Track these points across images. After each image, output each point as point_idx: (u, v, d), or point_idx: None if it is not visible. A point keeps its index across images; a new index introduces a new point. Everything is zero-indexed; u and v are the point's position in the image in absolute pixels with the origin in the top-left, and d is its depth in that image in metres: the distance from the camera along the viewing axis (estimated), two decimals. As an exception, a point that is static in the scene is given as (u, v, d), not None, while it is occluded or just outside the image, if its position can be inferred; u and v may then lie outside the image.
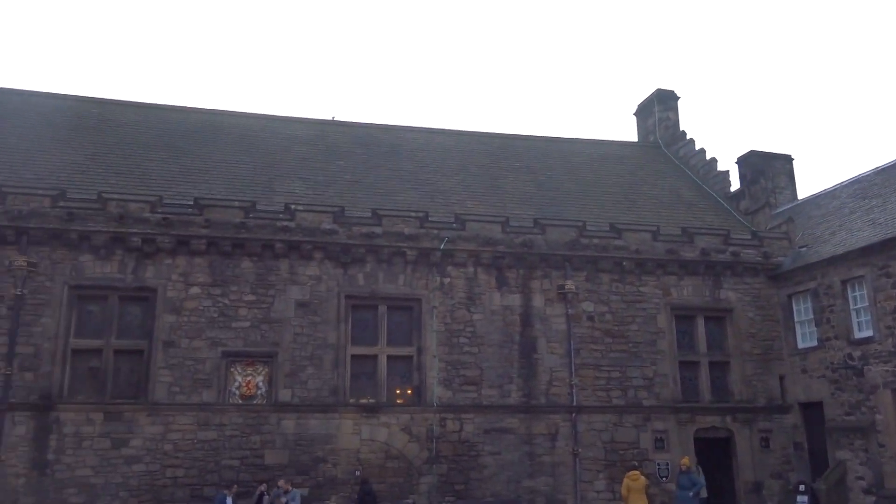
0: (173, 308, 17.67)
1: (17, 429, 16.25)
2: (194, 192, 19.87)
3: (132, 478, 16.48)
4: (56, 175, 19.90)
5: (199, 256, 18.08)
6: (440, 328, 19.06)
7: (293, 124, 25.85)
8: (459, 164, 25.05)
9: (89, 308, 17.63)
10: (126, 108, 24.96)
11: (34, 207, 17.28)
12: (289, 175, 22.40)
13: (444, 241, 19.35)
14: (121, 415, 16.83)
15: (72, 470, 16.29)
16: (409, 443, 18.18)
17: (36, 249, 17.19)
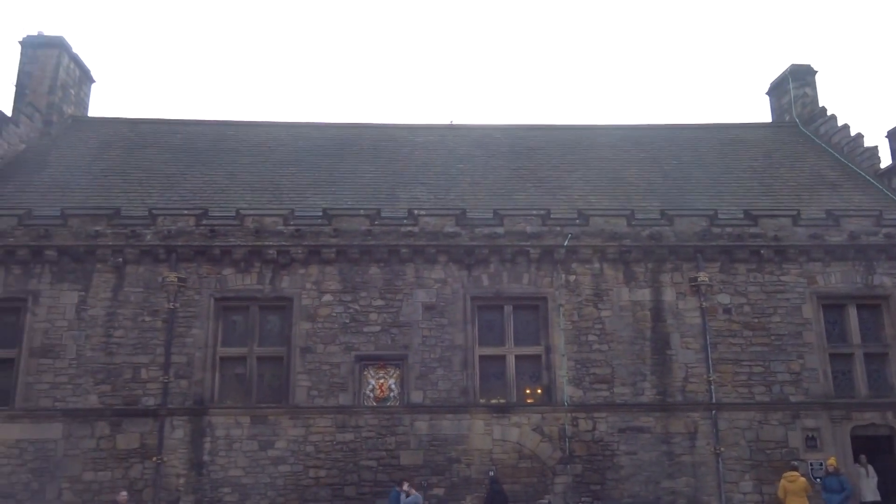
0: (308, 315, 18.50)
1: (175, 432, 17.59)
2: (323, 203, 20.73)
3: (278, 478, 17.39)
4: (199, 195, 21.42)
5: (330, 265, 18.83)
6: (567, 326, 18.80)
7: (415, 131, 26.43)
8: (580, 158, 24.63)
9: (233, 318, 18.80)
10: (258, 128, 26.49)
11: (181, 227, 18.65)
12: (411, 181, 22.91)
13: (567, 238, 19.09)
14: (265, 418, 17.81)
15: (225, 470, 17.41)
16: (542, 443, 18.04)
17: (184, 265, 18.54)
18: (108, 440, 17.48)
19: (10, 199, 20.95)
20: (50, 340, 18.01)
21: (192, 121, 26.89)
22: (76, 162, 23.66)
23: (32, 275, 18.35)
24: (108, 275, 18.44)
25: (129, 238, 18.47)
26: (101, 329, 18.11)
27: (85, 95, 28.06)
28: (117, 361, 17.95)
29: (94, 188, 21.87)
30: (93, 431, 17.50)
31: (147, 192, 21.57)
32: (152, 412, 17.63)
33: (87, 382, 17.80)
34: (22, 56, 26.03)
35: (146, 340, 18.11)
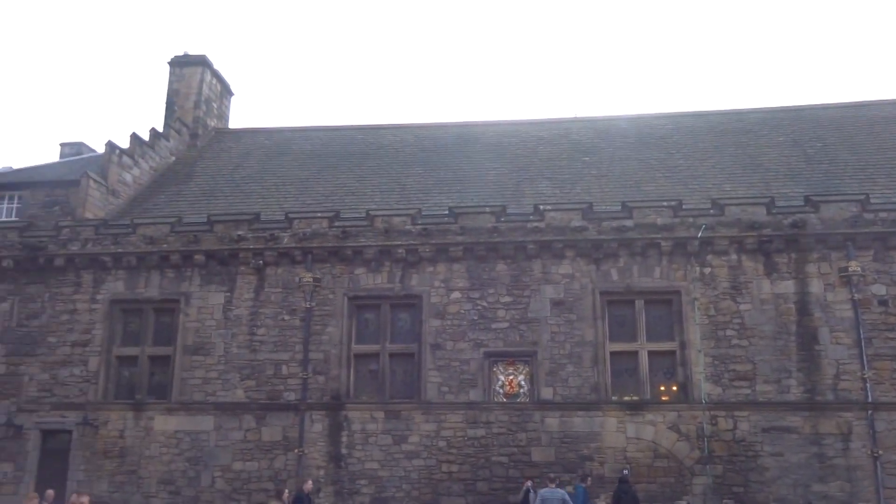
0: (437, 313, 18.78)
1: (314, 426, 18.37)
2: (449, 201, 20.99)
3: (412, 472, 17.77)
4: (331, 198, 22.29)
5: (458, 262, 19.01)
6: (703, 321, 17.99)
7: (538, 126, 26.25)
8: (712, 145, 23.54)
9: (366, 316, 19.39)
10: (385, 131, 27.23)
11: (315, 229, 19.45)
12: (536, 176, 22.76)
13: (701, 229, 18.27)
14: (399, 413, 18.25)
15: (362, 463, 18.00)
16: (678, 441, 17.38)
17: (319, 266, 19.32)
18: (254, 432, 18.53)
19: (163, 208, 22.70)
20: (201, 339, 19.31)
21: (323, 127, 28.07)
22: (219, 171, 25.27)
23: (184, 278, 19.74)
24: (250, 276, 19.54)
25: (268, 241, 19.48)
26: (246, 328, 19.22)
27: (226, 108, 29.92)
28: (260, 358, 18.99)
29: (236, 195, 23.26)
30: (240, 424, 18.61)
31: (283, 197, 22.69)
32: (293, 406, 18.51)
33: (234, 378, 18.95)
34: (170, 75, 28.12)
35: (286, 338, 19.04)
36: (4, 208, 22.49)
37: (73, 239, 20.11)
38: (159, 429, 18.83)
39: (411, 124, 27.74)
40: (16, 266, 20.19)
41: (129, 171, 23.96)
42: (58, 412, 19.29)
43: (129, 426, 18.94)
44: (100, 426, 18.98)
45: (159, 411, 18.96)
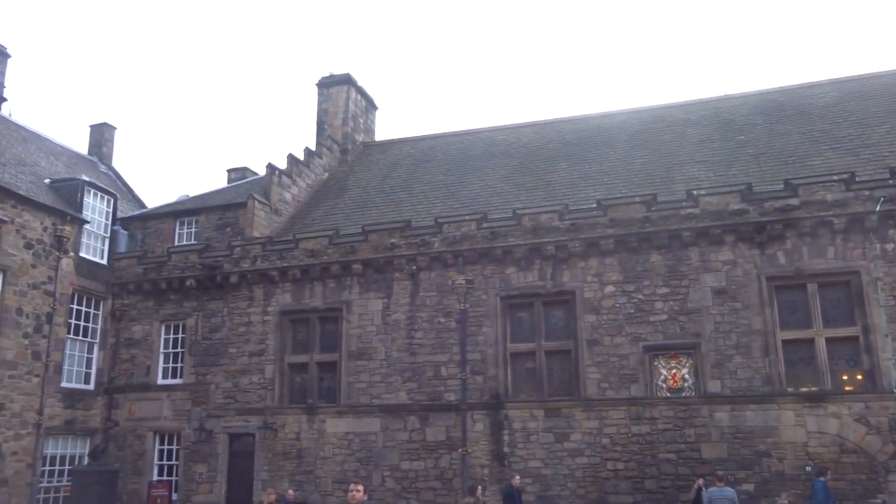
0: (592, 308, 18.45)
1: (476, 425, 18.63)
2: (596, 194, 20.58)
3: (576, 470, 17.55)
4: (477, 200, 22.54)
5: (609, 256, 18.58)
6: (889, 302, 16.41)
7: (685, 108, 25.15)
8: (886, 109, 21.44)
9: (519, 315, 19.40)
10: (526, 129, 27.17)
11: (464, 232, 19.75)
12: (686, 161, 21.81)
13: (879, 202, 16.69)
14: (559, 411, 18.09)
15: (525, 461, 18.03)
16: (868, 435, 15.94)
17: (470, 268, 19.59)
18: (419, 433, 19.08)
19: (321, 223, 23.96)
20: (363, 344, 20.18)
21: (464, 132, 28.48)
22: (370, 183, 26.31)
23: (344, 287, 20.73)
24: (405, 282, 20.17)
25: (420, 247, 20.02)
26: (404, 332, 19.85)
27: (371, 122, 31.11)
28: (420, 361, 19.54)
29: (387, 204, 24.11)
30: (405, 425, 19.24)
31: (431, 203, 23.24)
32: (454, 407, 18.88)
33: (396, 381, 19.63)
34: (319, 96, 29.67)
35: (443, 340, 19.47)
36: (185, 233, 24.69)
37: (244, 257, 21.71)
38: (331, 431, 19.88)
39: (552, 120, 27.49)
40: (198, 285, 22.10)
41: (289, 190, 25.51)
42: (241, 417, 20.89)
43: (303, 429, 20.14)
44: (278, 429, 20.33)
45: (330, 414, 20.01)
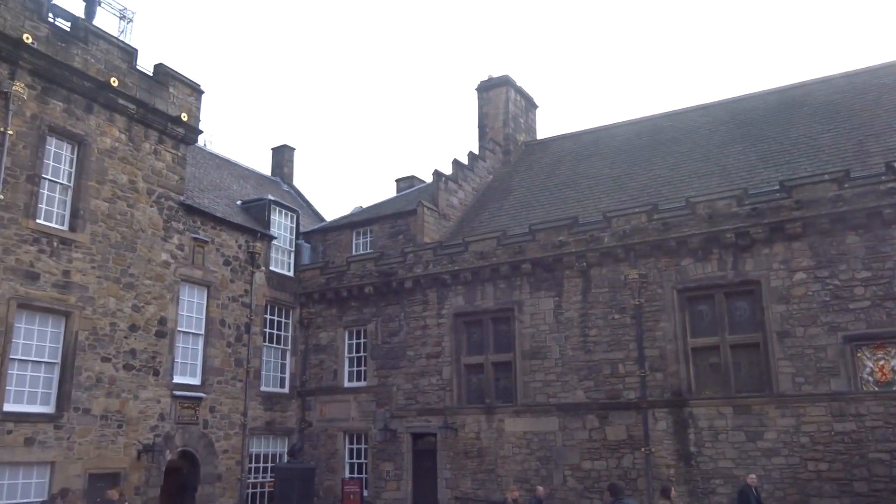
0: (780, 297, 17.19)
1: (658, 424, 17.97)
2: (778, 175, 19.19)
3: (773, 470, 16.40)
4: (646, 191, 21.78)
5: (797, 240, 17.22)
6: None
7: (876, 73, 22.83)
8: None
9: (699, 308, 18.47)
10: (693, 112, 25.92)
11: (634, 225, 19.15)
12: (884, 131, 19.76)
13: None
14: (749, 408, 17.00)
15: (714, 462, 17.12)
16: None
17: (643, 261, 18.95)
18: (598, 432, 18.72)
19: (487, 224, 24.24)
20: (536, 343, 20.14)
21: (628, 122, 27.68)
22: (534, 182, 26.26)
23: (515, 287, 20.81)
24: (575, 279, 19.89)
25: (589, 243, 19.66)
26: (577, 329, 19.58)
27: (532, 121, 31.05)
28: (595, 359, 19.17)
29: (553, 202, 23.92)
30: (584, 424, 18.96)
31: (598, 198, 22.77)
32: (634, 405, 18.32)
33: (572, 379, 19.39)
34: (479, 100, 30.08)
35: (618, 337, 18.97)
36: (361, 242, 25.97)
37: (417, 262, 22.44)
38: (509, 430, 20.01)
39: (722, 100, 25.99)
40: (375, 291, 23.14)
41: (455, 195, 26.06)
42: (422, 417, 21.59)
43: (482, 428, 20.44)
44: (458, 429, 20.78)
45: (508, 414, 20.16)
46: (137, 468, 18.63)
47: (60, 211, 17.93)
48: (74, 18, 18.96)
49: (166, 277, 20.18)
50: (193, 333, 21.09)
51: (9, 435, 15.99)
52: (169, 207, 20.55)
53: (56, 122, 17.83)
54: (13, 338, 16.38)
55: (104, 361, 18.21)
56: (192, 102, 21.51)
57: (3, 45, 16.67)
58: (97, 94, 18.74)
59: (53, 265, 17.33)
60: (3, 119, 16.63)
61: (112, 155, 19.13)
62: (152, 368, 19.44)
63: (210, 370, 21.26)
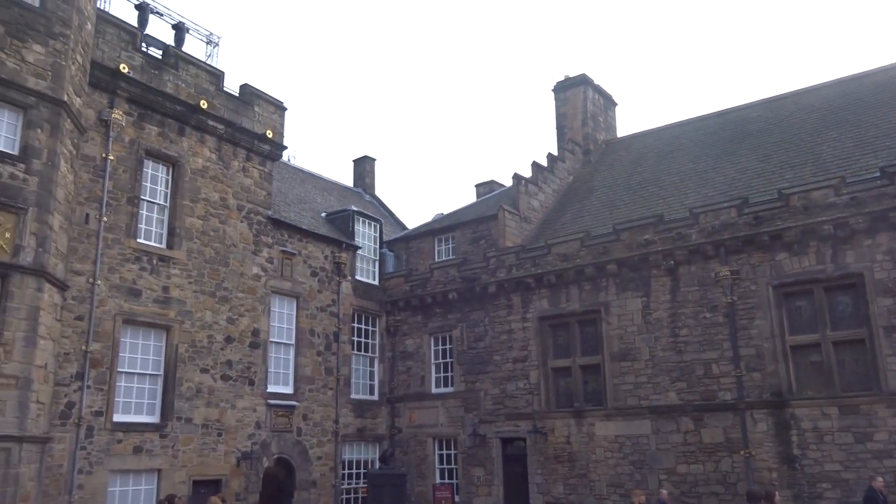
0: (886, 290, 16.24)
1: (758, 426, 17.26)
2: (877, 162, 18.17)
3: (886, 473, 15.44)
4: (734, 185, 21.03)
5: (902, 229, 16.25)
6: None
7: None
8: None
9: (796, 304, 17.65)
10: (781, 101, 24.91)
11: (724, 220, 18.51)
12: None
13: None
14: (856, 408, 16.12)
15: (820, 465, 16.31)
16: None
17: (734, 258, 18.28)
18: (693, 434, 18.15)
19: (570, 226, 23.95)
20: (625, 345, 19.73)
21: (712, 114, 26.83)
22: (616, 181, 25.79)
23: (600, 288, 20.46)
24: (663, 278, 19.39)
25: (676, 240, 19.13)
26: (667, 330, 19.06)
27: (611, 119, 30.52)
28: (687, 359, 18.61)
29: (636, 201, 23.42)
30: (678, 426, 18.42)
31: (683, 194, 22.14)
32: (730, 406, 17.68)
33: (664, 381, 18.89)
34: (556, 101, 29.80)
35: (710, 336, 18.36)
36: (443, 249, 26.13)
37: (500, 267, 22.39)
38: (600, 434, 19.66)
39: (814, 86, 24.84)
40: (459, 297, 23.23)
41: (536, 198, 25.88)
42: (511, 422, 21.48)
43: (572, 432, 20.17)
44: (548, 433, 20.57)
45: (598, 417, 19.81)
46: (237, 475, 19.31)
47: (158, 230, 18.83)
48: (165, 46, 19.91)
49: (258, 290, 20.87)
50: (284, 343, 21.71)
51: (119, 444, 16.88)
52: (258, 222, 21.26)
53: (152, 146, 18.76)
54: (120, 352, 17.30)
55: (203, 372, 18.98)
56: (276, 119, 22.21)
57: (101, 75, 17.68)
58: (188, 116, 19.60)
59: (154, 281, 18.20)
60: (105, 145, 17.64)
61: (204, 174, 19.95)
62: (248, 378, 20.12)
63: (301, 379, 21.83)
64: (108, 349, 16.97)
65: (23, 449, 13.85)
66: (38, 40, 15.19)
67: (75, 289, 16.51)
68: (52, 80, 15.31)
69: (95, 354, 16.71)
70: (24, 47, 14.94)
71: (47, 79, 15.22)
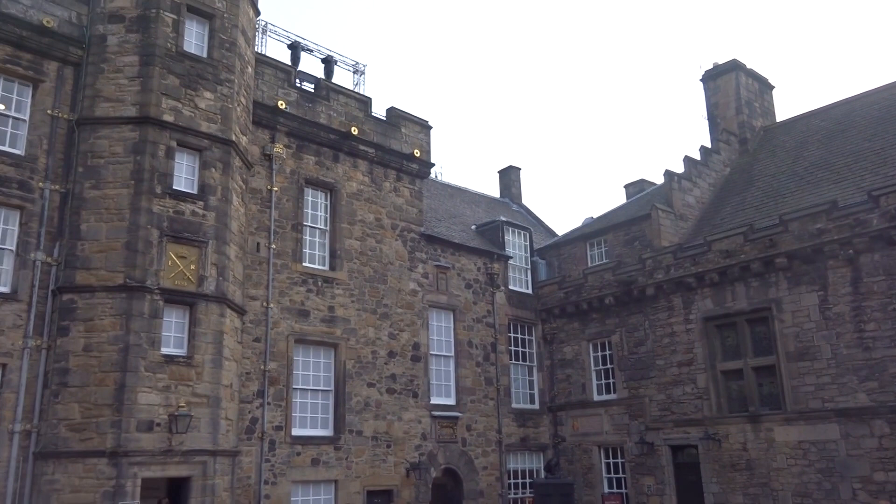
0: None
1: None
2: None
3: None
4: (919, 162, 19.04)
5: None
6: None
7: None
8: None
9: None
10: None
11: (908, 201, 16.81)
12: None
13: None
14: None
15: None
16: None
17: (924, 242, 16.54)
18: (890, 439, 16.53)
19: (730, 220, 22.72)
20: (802, 344, 18.36)
21: (886, 86, 24.49)
22: (778, 168, 24.17)
23: (769, 284, 19.20)
24: (842, 270, 17.89)
25: (855, 227, 17.60)
26: (851, 325, 17.55)
27: (769, 104, 28.69)
28: (877, 356, 17.03)
29: (803, 187, 21.84)
30: (871, 430, 16.86)
31: (859, 176, 20.38)
32: (933, 407, 15.97)
33: (850, 381, 17.38)
34: (705, 91, 28.46)
35: (903, 330, 16.70)
36: (596, 253, 25.64)
37: (657, 268, 21.63)
38: (780, 440, 18.39)
39: None
40: (616, 301, 22.67)
41: (690, 194, 24.79)
42: (680, 429, 20.60)
43: (749, 438, 19.01)
44: (721, 440, 19.52)
45: (776, 422, 18.55)
46: (407, 485, 19.88)
47: (321, 253, 19.90)
48: (316, 80, 21.08)
49: (415, 305, 21.47)
50: (444, 356, 22.16)
51: (298, 457, 17.92)
52: (411, 239, 21.91)
53: (310, 174, 19.89)
54: (294, 370, 18.42)
55: (369, 387, 19.76)
56: (422, 139, 22.83)
57: (262, 113, 19.01)
58: (341, 143, 20.61)
59: (320, 302, 19.23)
60: (269, 178, 18.92)
61: (358, 197, 20.87)
62: (411, 391, 20.72)
63: (463, 390, 22.16)
64: (284, 367, 18.10)
65: (216, 462, 15.07)
66: (208, 87, 16.62)
67: (252, 312, 17.77)
68: (222, 122, 16.67)
69: (273, 373, 17.88)
70: (196, 95, 16.40)
71: (217, 122, 16.60)
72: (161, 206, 15.42)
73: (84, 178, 15.34)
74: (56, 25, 15.82)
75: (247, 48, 18.15)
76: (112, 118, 15.65)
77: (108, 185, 15.28)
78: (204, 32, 17.00)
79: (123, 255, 14.88)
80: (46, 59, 15.83)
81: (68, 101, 15.96)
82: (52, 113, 15.71)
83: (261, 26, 21.06)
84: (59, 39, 15.86)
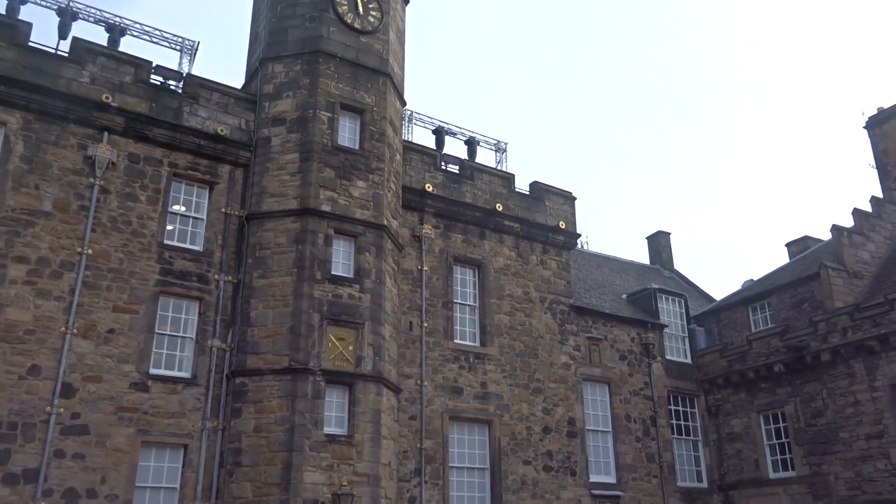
0: None
1: None
2: None
3: None
4: None
5: None
6: None
7: None
8: None
9: None
10: None
11: None
12: None
13: None
14: None
15: None
16: None
17: None
18: None
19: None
20: None
21: None
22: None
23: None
24: None
25: None
26: None
27: (946, 146, 26.23)
28: None
29: None
30: None
31: None
32: None
33: None
34: (871, 137, 26.62)
35: None
36: (759, 318, 24.08)
37: (831, 331, 19.96)
38: None
39: None
40: (786, 369, 21.05)
41: (864, 248, 22.90)
42: (875, 511, 18.45)
43: (961, 524, 16.67)
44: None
45: None
46: (571, 569, 19.05)
47: (471, 329, 20.09)
48: (460, 161, 21.81)
49: (568, 378, 21.02)
50: (601, 431, 21.38)
51: (457, 537, 17.72)
52: (561, 311, 21.66)
53: (458, 252, 20.36)
54: (449, 447, 18.45)
55: (525, 464, 19.37)
56: (566, 210, 22.81)
57: (411, 196, 19.85)
58: (486, 220, 21.02)
59: (472, 378, 19.31)
60: (419, 258, 19.56)
61: (506, 272, 21.03)
62: (569, 469, 20.07)
63: (623, 467, 21.18)
64: (440, 445, 18.19)
65: (378, 542, 15.23)
66: (360, 177, 17.66)
67: (406, 391, 18.13)
68: (374, 208, 17.59)
69: (429, 451, 18.01)
70: (350, 185, 17.47)
71: (370, 208, 17.53)
72: (321, 290, 16.32)
73: (253, 269, 16.61)
74: (229, 133, 17.55)
75: (395, 137, 19.18)
76: (276, 211, 16.95)
77: (274, 273, 16.43)
78: (356, 126, 18.21)
79: (288, 339, 15.81)
80: (220, 163, 17.52)
81: (238, 199, 17.49)
82: (226, 211, 17.25)
83: (407, 115, 22.22)
84: (231, 145, 17.55)
